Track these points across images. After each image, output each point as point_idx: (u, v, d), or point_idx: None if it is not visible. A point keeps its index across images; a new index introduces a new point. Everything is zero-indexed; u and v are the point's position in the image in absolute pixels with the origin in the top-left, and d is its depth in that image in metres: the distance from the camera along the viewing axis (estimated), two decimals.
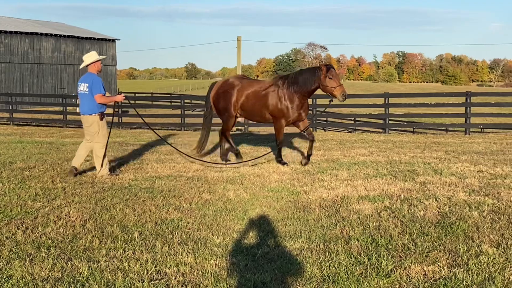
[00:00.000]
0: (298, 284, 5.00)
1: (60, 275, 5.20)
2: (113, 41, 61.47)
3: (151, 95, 58.76)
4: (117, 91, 55.00)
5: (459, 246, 5.95)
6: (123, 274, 5.22)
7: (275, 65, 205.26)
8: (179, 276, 5.19)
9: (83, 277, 5.15)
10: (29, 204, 7.99)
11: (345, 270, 5.29)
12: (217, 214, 7.45)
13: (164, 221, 7.10)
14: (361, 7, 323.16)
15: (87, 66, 10.39)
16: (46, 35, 54.04)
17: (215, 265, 5.48)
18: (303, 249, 5.91)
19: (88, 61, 10.35)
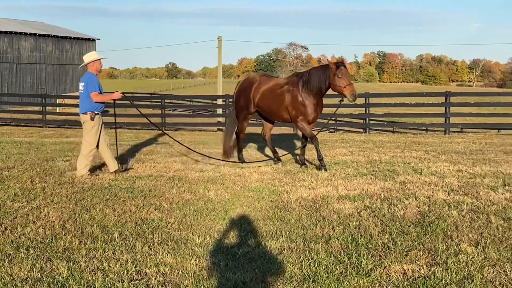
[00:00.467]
0: (279, 284, 5.01)
1: (40, 276, 5.16)
2: (93, 40, 61.21)
3: (131, 94, 58.35)
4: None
5: (439, 245, 6.00)
6: (103, 275, 5.19)
7: (256, 65, 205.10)
8: (160, 276, 5.17)
9: (63, 277, 5.11)
10: (8, 204, 7.91)
11: (326, 269, 5.31)
12: (197, 214, 7.44)
13: (145, 221, 7.07)
14: (341, 7, 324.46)
15: (86, 66, 10.38)
16: (26, 34, 53.60)
17: (196, 265, 5.47)
18: (284, 249, 5.92)
19: (87, 60, 10.36)
